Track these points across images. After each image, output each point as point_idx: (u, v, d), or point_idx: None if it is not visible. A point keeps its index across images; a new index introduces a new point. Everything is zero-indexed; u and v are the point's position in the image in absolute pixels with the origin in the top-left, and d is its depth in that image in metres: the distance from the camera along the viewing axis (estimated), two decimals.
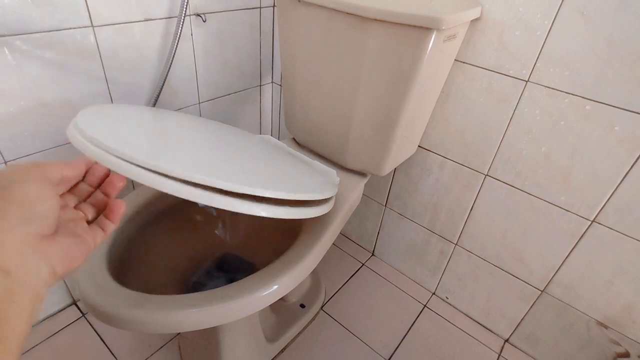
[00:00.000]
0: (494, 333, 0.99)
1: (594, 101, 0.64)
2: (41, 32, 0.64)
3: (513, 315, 0.93)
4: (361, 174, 0.84)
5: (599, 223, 0.71)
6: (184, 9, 0.76)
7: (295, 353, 0.89)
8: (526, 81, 0.69)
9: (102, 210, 0.32)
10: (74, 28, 0.67)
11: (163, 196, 0.72)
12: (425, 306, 1.05)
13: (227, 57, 0.97)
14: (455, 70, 0.76)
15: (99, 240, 0.30)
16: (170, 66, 0.80)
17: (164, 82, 0.82)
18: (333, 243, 0.90)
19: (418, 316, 1.02)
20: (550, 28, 0.64)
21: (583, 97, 0.65)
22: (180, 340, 0.88)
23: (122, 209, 0.32)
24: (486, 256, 0.91)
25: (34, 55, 0.65)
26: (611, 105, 0.62)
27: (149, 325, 0.50)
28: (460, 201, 0.90)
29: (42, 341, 0.86)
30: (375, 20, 0.61)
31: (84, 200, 0.32)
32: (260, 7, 0.97)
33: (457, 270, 0.99)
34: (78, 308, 0.94)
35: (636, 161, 0.63)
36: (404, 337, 0.96)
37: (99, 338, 0.88)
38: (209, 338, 0.74)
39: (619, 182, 0.66)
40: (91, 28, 0.69)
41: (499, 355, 0.95)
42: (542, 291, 0.85)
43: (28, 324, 0.22)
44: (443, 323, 1.01)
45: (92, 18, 0.69)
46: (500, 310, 0.95)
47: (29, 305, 0.22)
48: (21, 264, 0.22)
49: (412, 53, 0.61)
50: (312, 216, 0.54)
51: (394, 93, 0.67)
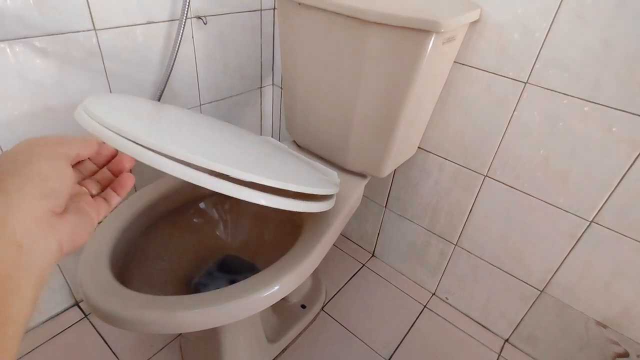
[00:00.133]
0: (494, 333, 1.00)
1: (592, 103, 0.64)
2: (44, 36, 0.65)
3: (513, 315, 0.94)
4: (361, 176, 0.84)
5: (598, 224, 0.72)
6: (185, 12, 0.77)
7: (296, 353, 0.90)
8: (525, 83, 0.70)
9: (106, 187, 0.33)
10: (77, 32, 0.68)
11: (165, 198, 0.73)
12: (425, 307, 1.05)
13: (228, 60, 0.97)
14: (454, 72, 0.77)
15: (102, 214, 0.31)
16: (171, 68, 0.81)
17: (166, 84, 0.83)
18: (334, 244, 0.91)
19: (418, 316, 1.02)
20: (548, 30, 0.64)
21: (581, 99, 0.65)
22: (181, 340, 0.89)
23: (132, 183, 0.33)
24: (486, 257, 0.92)
25: (37, 58, 0.66)
26: (609, 106, 0.63)
27: (151, 325, 0.51)
28: (459, 202, 0.90)
29: (45, 342, 0.87)
30: (375, 23, 0.61)
31: (88, 177, 0.33)
32: (260, 10, 0.98)
33: (457, 270, 1.00)
34: (80, 309, 0.95)
35: (634, 162, 0.64)
36: (404, 338, 0.97)
37: (101, 338, 0.88)
38: (211, 338, 0.74)
39: (617, 183, 0.67)
40: (94, 31, 0.70)
41: (499, 355, 0.95)
42: (542, 291, 0.85)
43: (35, 299, 0.23)
44: (443, 323, 1.01)
45: (95, 21, 0.69)
46: (500, 310, 0.96)
47: (37, 280, 0.23)
48: (33, 240, 0.23)
49: (412, 55, 0.61)
50: (313, 211, 0.54)
51: (394, 95, 0.67)
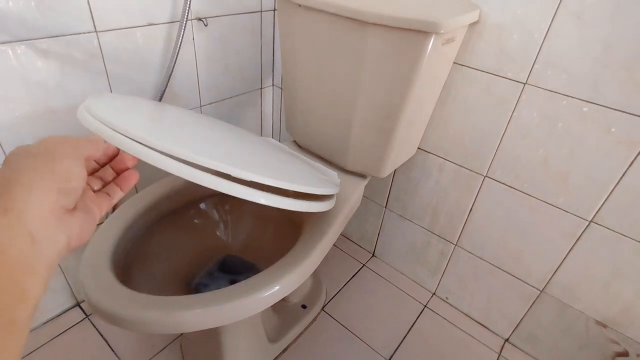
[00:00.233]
0: (494, 333, 1.00)
1: (591, 103, 0.64)
2: (46, 38, 0.65)
3: (513, 315, 0.94)
4: (361, 176, 0.85)
5: (597, 223, 0.72)
6: (186, 14, 0.77)
7: (296, 353, 0.90)
8: (524, 83, 0.70)
9: (107, 184, 0.34)
10: (78, 33, 0.68)
11: (166, 198, 0.73)
12: (425, 306, 1.06)
13: (229, 61, 0.98)
14: (454, 72, 0.77)
15: (105, 209, 0.32)
16: (172, 70, 0.81)
17: (167, 86, 0.83)
18: (334, 244, 0.91)
19: (418, 316, 1.03)
20: (547, 31, 0.64)
21: (580, 99, 0.65)
22: (182, 340, 0.89)
23: (136, 178, 0.35)
24: (486, 256, 0.92)
25: (39, 60, 0.66)
26: (608, 107, 0.63)
27: (152, 325, 0.51)
28: (459, 202, 0.91)
29: (46, 342, 0.87)
30: (374, 24, 0.62)
31: (90, 174, 0.34)
32: (261, 11, 0.98)
33: (457, 270, 1.00)
34: (82, 309, 0.95)
35: (633, 162, 0.64)
36: (405, 337, 0.97)
37: (103, 339, 0.89)
38: (212, 338, 0.74)
39: (616, 183, 0.67)
40: (95, 33, 0.70)
41: (499, 355, 0.95)
42: (542, 291, 0.86)
43: (46, 283, 0.24)
44: (443, 323, 1.02)
45: (96, 23, 0.70)
46: (500, 310, 0.96)
47: (46, 273, 0.24)
48: (45, 234, 0.24)
49: (412, 56, 0.62)
50: (313, 211, 0.54)
51: (394, 96, 0.67)
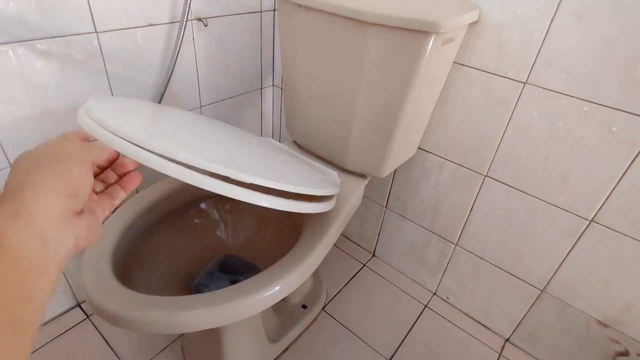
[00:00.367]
0: (495, 333, 1.00)
1: (592, 102, 0.64)
2: (46, 39, 0.65)
3: (513, 314, 0.94)
4: (361, 176, 0.85)
5: (598, 223, 0.72)
6: (186, 14, 0.77)
7: (297, 353, 0.90)
8: (524, 83, 0.70)
9: (109, 186, 0.35)
10: (78, 34, 0.68)
11: (167, 199, 0.73)
12: (426, 306, 1.06)
13: (228, 61, 0.98)
14: (454, 72, 0.77)
15: (107, 210, 0.33)
16: (172, 70, 0.81)
17: (167, 86, 0.83)
18: (334, 244, 0.91)
19: (419, 316, 1.03)
20: (547, 30, 0.64)
21: (580, 99, 0.65)
22: (183, 341, 0.89)
23: (139, 180, 0.36)
24: (486, 256, 0.92)
25: (39, 61, 0.66)
26: (608, 106, 0.63)
27: (153, 325, 0.51)
28: (460, 202, 0.91)
29: (47, 342, 0.87)
30: (374, 24, 0.62)
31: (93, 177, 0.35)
32: (260, 11, 0.98)
33: (458, 270, 1.00)
34: (82, 310, 0.95)
35: (633, 161, 0.64)
36: (405, 337, 0.97)
37: (103, 339, 0.89)
38: (212, 339, 0.74)
39: (617, 182, 0.67)
40: (95, 34, 0.70)
41: (500, 354, 0.95)
42: (542, 291, 0.86)
43: (55, 283, 0.25)
44: (444, 323, 1.02)
45: (96, 24, 0.70)
46: (500, 309, 0.96)
47: (54, 274, 0.25)
48: (55, 236, 0.25)
49: (411, 56, 0.62)
50: (313, 212, 0.54)
51: (394, 96, 0.67)
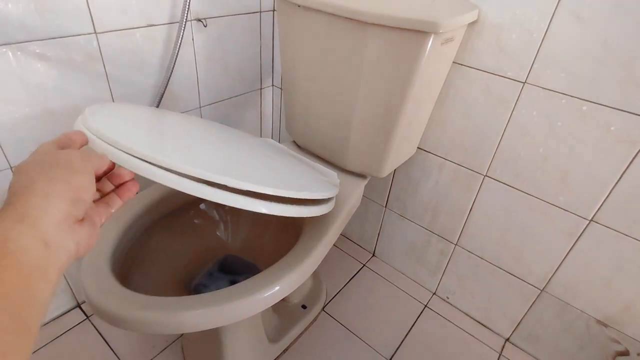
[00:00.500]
0: (495, 332, 1.00)
1: (591, 102, 0.64)
2: (45, 40, 0.65)
3: (513, 314, 0.94)
4: (361, 176, 0.85)
5: (597, 222, 0.72)
6: (185, 15, 0.77)
7: (297, 353, 0.90)
8: (523, 83, 0.70)
9: (105, 195, 0.36)
10: (78, 35, 0.69)
11: (166, 199, 0.73)
12: (426, 306, 1.06)
13: (228, 61, 0.98)
14: (453, 72, 0.77)
15: (104, 218, 0.34)
16: (172, 71, 0.81)
17: (166, 87, 0.83)
18: (334, 244, 0.91)
19: (419, 316, 1.03)
20: (546, 30, 0.64)
21: (580, 98, 0.65)
22: (183, 341, 0.89)
23: (136, 189, 0.37)
24: (486, 256, 0.92)
25: (38, 62, 0.66)
26: (607, 105, 0.63)
27: (152, 326, 0.51)
28: (459, 202, 0.91)
29: (47, 343, 0.87)
30: (373, 24, 0.62)
31: None
32: (260, 12, 0.98)
33: (458, 270, 1.00)
34: (82, 311, 0.95)
35: (632, 160, 0.64)
36: (405, 337, 0.97)
37: (103, 340, 0.89)
38: (212, 339, 0.74)
39: (616, 182, 0.67)
40: (94, 35, 0.70)
41: (500, 354, 0.95)
42: (542, 290, 0.86)
43: (52, 295, 0.26)
44: (444, 323, 1.02)
45: (95, 25, 0.70)
46: (500, 309, 0.96)
47: (55, 277, 0.26)
48: (58, 241, 0.26)
49: (411, 56, 0.62)
50: (312, 215, 0.54)
51: (393, 96, 0.67)
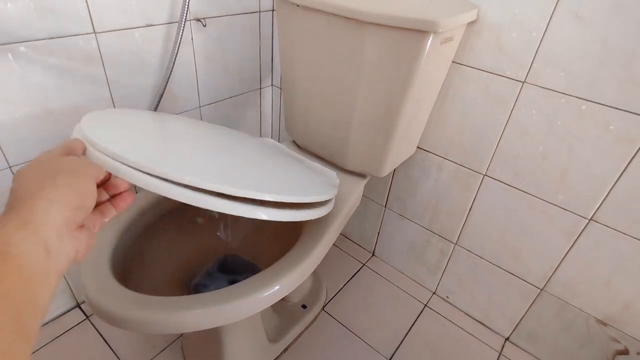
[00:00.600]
0: (495, 332, 1.00)
1: (590, 101, 0.64)
2: (44, 39, 0.65)
3: (513, 313, 0.94)
4: (361, 175, 0.85)
5: (597, 221, 0.72)
6: (185, 15, 0.77)
7: (297, 353, 0.90)
8: (523, 82, 0.70)
9: (100, 205, 0.36)
10: (77, 35, 0.68)
11: (165, 199, 0.73)
12: (425, 306, 1.06)
13: (227, 61, 0.98)
14: (452, 72, 0.77)
15: (97, 227, 0.34)
16: (171, 70, 0.81)
17: (166, 86, 0.83)
18: (334, 244, 0.91)
19: (419, 316, 1.03)
20: (545, 30, 0.64)
21: (579, 97, 0.65)
22: (183, 341, 0.89)
23: (132, 199, 0.37)
24: (485, 255, 0.92)
25: (38, 62, 0.66)
26: (606, 105, 0.63)
27: (152, 325, 0.51)
28: (459, 201, 0.91)
29: (47, 343, 0.87)
30: (373, 24, 0.62)
31: None
32: (259, 12, 0.98)
33: (457, 269, 1.00)
34: (82, 311, 0.95)
35: (632, 159, 0.64)
36: (405, 337, 0.97)
37: (103, 340, 0.89)
38: (212, 339, 0.74)
39: (616, 181, 0.67)
40: (93, 34, 0.70)
41: (500, 353, 0.95)
42: (542, 289, 0.86)
43: (51, 299, 0.26)
44: (444, 322, 1.02)
45: (95, 24, 0.70)
46: (500, 308, 0.96)
47: (55, 282, 0.26)
48: (59, 246, 0.26)
49: (410, 56, 0.62)
50: (311, 218, 0.55)
51: (393, 95, 0.67)
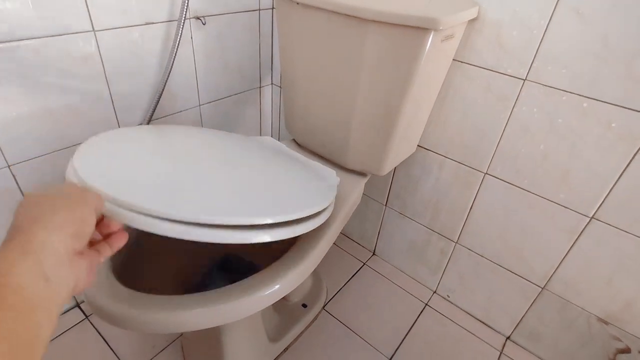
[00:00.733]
0: (496, 330, 1.00)
1: (591, 99, 0.64)
2: (43, 37, 0.65)
3: (514, 312, 0.94)
4: (361, 174, 0.84)
5: (598, 219, 0.72)
6: (184, 13, 0.77)
7: (297, 352, 0.90)
8: (524, 80, 0.70)
9: (92, 246, 0.35)
10: (76, 33, 0.68)
11: None
12: (426, 304, 1.05)
13: (227, 59, 0.97)
14: (453, 70, 0.77)
15: (94, 264, 0.33)
16: (170, 69, 0.81)
17: (165, 85, 0.83)
18: (334, 243, 0.91)
19: (420, 315, 1.02)
20: (546, 27, 0.64)
21: (580, 95, 0.65)
22: (183, 340, 0.89)
23: (125, 239, 0.37)
24: (486, 254, 0.92)
25: (37, 60, 0.66)
26: (608, 102, 0.63)
27: (152, 325, 0.51)
28: (460, 200, 0.90)
29: None
30: (373, 21, 0.61)
31: None
32: (259, 10, 0.98)
33: (458, 268, 1.00)
34: (81, 310, 0.95)
35: (633, 157, 0.64)
36: (406, 336, 0.97)
37: (103, 340, 0.89)
38: (212, 338, 0.74)
39: (617, 179, 0.67)
40: (92, 33, 0.70)
41: (501, 352, 0.95)
42: (543, 288, 0.85)
43: (53, 327, 0.25)
44: (445, 321, 1.01)
45: (94, 23, 0.70)
46: (501, 307, 0.96)
47: (56, 311, 0.26)
48: (59, 275, 0.26)
49: (411, 53, 0.61)
50: (312, 229, 0.55)
51: (393, 93, 0.67)
